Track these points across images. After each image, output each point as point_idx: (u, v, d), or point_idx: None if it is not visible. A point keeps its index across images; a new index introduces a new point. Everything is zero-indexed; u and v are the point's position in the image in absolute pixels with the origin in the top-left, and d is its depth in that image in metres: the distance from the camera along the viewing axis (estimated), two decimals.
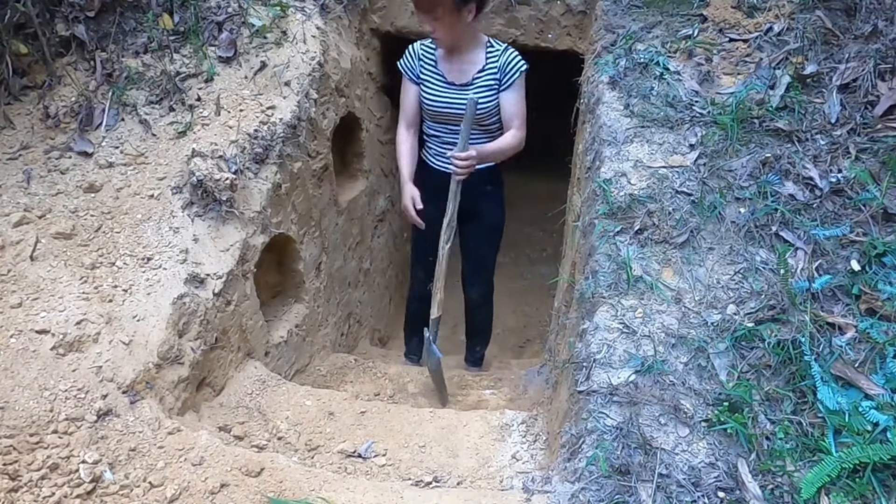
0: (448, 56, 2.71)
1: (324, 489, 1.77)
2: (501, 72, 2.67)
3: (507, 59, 2.66)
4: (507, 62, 2.66)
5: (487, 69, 2.68)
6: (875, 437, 1.57)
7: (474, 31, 2.65)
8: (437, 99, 2.76)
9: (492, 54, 2.68)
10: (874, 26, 2.43)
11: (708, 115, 2.38)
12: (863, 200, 2.04)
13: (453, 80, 2.71)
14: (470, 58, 2.68)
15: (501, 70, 2.67)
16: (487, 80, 2.68)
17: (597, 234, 2.13)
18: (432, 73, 2.75)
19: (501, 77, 2.67)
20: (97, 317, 2.00)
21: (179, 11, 2.94)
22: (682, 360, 1.82)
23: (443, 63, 2.73)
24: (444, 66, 2.73)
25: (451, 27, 2.54)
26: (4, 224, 2.21)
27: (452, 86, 2.72)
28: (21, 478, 1.66)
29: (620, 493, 1.58)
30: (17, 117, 2.61)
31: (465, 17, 2.52)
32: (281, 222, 2.77)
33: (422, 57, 2.77)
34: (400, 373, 3.11)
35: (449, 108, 2.75)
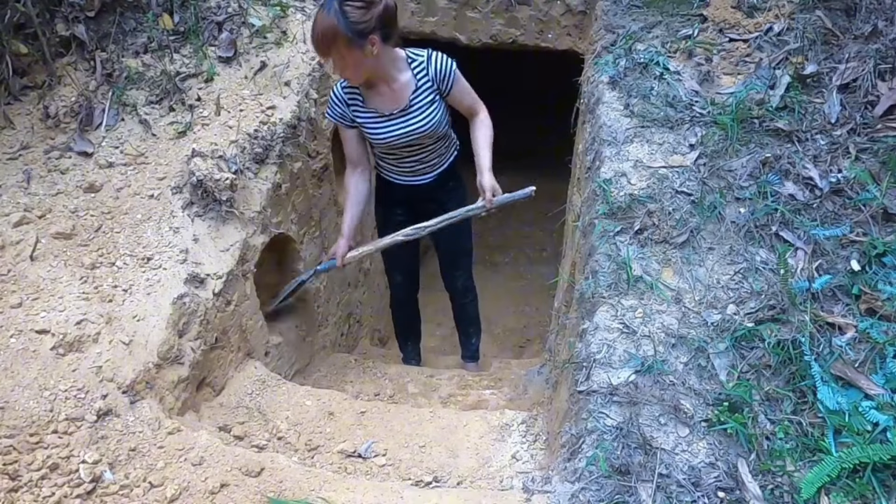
0: (373, 90, 2.50)
1: (324, 489, 1.77)
2: (436, 82, 2.52)
3: (435, 67, 2.50)
4: (437, 70, 2.50)
5: (421, 87, 2.50)
6: (875, 437, 1.57)
7: (389, 59, 2.44)
8: (381, 134, 2.56)
9: (418, 69, 2.50)
10: (874, 26, 2.43)
11: (708, 115, 2.38)
12: (863, 200, 2.04)
13: (390, 111, 2.52)
14: (399, 83, 2.49)
15: (434, 79, 2.51)
16: (426, 96, 2.52)
17: (597, 234, 2.13)
18: (365, 112, 2.55)
19: (439, 86, 2.53)
20: (97, 317, 2.00)
21: (179, 11, 2.94)
22: (682, 360, 1.82)
23: (371, 99, 2.52)
24: (375, 102, 2.52)
25: (357, 65, 2.33)
26: (4, 224, 2.21)
27: (391, 117, 2.53)
28: (21, 478, 1.66)
29: (620, 493, 1.58)
30: (17, 117, 2.61)
31: (367, 52, 2.29)
32: (281, 222, 2.77)
33: (348, 102, 2.54)
34: (400, 373, 3.11)
35: (398, 139, 2.58)
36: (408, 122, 2.54)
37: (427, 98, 2.53)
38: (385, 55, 2.39)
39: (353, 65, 2.32)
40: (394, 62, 2.47)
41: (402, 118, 2.53)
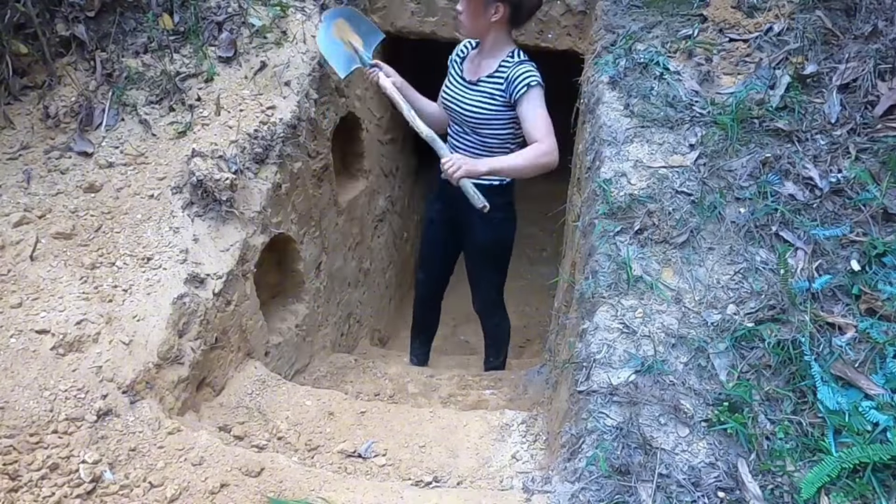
0: (474, 56, 2.70)
1: (324, 489, 1.77)
2: (507, 84, 2.54)
3: (514, 73, 2.51)
4: (515, 75, 2.50)
5: (495, 76, 2.58)
6: (875, 437, 1.57)
7: (499, 36, 2.57)
8: (447, 91, 2.74)
9: (505, 63, 2.57)
10: (874, 26, 2.43)
11: (708, 115, 2.38)
12: (863, 200, 2.04)
13: (465, 76, 2.68)
14: (488, 61, 2.63)
15: (508, 82, 2.53)
16: (491, 86, 2.58)
17: (597, 234, 2.13)
18: (458, 64, 2.76)
19: (507, 90, 2.54)
20: (97, 317, 2.00)
21: (179, 11, 2.94)
22: (682, 360, 1.82)
23: (468, 62, 2.72)
24: (467, 64, 2.72)
25: (474, 16, 2.50)
26: (4, 224, 2.21)
27: (461, 81, 2.68)
28: (21, 478, 1.66)
29: (620, 493, 1.58)
30: (17, 117, 2.61)
31: (489, 14, 2.48)
32: (281, 222, 2.77)
33: (459, 51, 2.79)
34: (400, 373, 3.11)
35: (451, 103, 2.71)
36: (466, 94, 2.64)
37: (492, 89, 2.59)
38: (500, 31, 2.56)
39: (471, 14, 2.50)
40: (500, 44, 2.60)
41: (467, 89, 2.66)
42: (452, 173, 2.40)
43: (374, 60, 2.76)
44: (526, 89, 2.48)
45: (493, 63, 2.61)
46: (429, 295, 3.33)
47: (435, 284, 3.29)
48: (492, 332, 3.34)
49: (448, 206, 2.96)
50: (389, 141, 4.28)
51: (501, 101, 2.59)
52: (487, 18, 2.50)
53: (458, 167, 2.40)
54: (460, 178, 2.40)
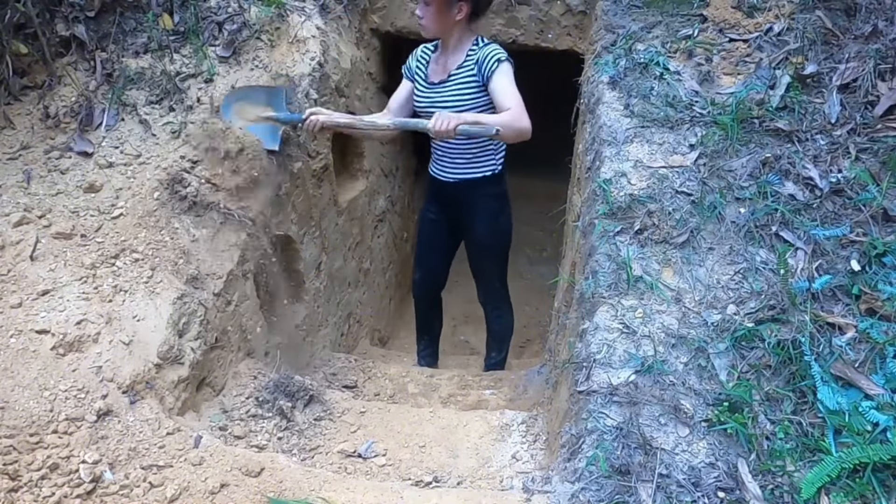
0: (437, 55, 2.71)
1: (324, 489, 1.77)
2: (479, 66, 2.59)
3: (483, 53, 2.58)
4: (485, 55, 2.57)
5: (465, 65, 2.63)
6: (875, 437, 1.57)
7: (463, 32, 2.61)
8: (419, 98, 2.75)
9: (472, 51, 2.63)
10: (874, 26, 2.43)
11: (708, 115, 2.38)
12: (863, 200, 2.04)
13: (433, 79, 2.70)
14: (454, 57, 2.67)
15: (478, 64, 2.58)
16: (465, 75, 2.62)
17: (597, 234, 2.13)
18: (422, 70, 2.76)
19: (479, 71, 2.58)
20: (97, 317, 2.00)
21: (179, 11, 2.94)
22: (682, 360, 1.82)
23: (432, 65, 2.73)
24: (432, 66, 2.73)
25: (438, 17, 2.52)
26: (4, 224, 2.21)
27: (433, 85, 2.70)
28: (21, 478, 1.66)
29: (620, 493, 1.58)
30: (17, 117, 2.61)
31: (453, 13, 2.50)
32: (281, 222, 2.77)
33: (419, 58, 2.80)
34: (400, 373, 3.11)
35: (428, 108, 2.69)
36: (441, 94, 2.65)
37: (464, 81, 2.60)
38: (462, 28, 2.59)
39: (436, 17, 2.51)
40: (465, 39, 2.64)
41: (440, 89, 2.66)
42: (447, 127, 2.36)
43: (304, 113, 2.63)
44: (496, 64, 2.54)
45: (460, 56, 2.65)
46: (427, 294, 3.34)
47: (432, 283, 3.30)
48: (495, 324, 3.35)
49: (444, 207, 3.00)
50: (389, 141, 4.27)
51: (476, 86, 2.61)
52: (451, 18, 2.52)
53: (448, 119, 2.37)
54: (457, 127, 2.37)
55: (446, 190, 2.89)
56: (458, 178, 2.85)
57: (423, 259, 3.26)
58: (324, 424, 2.32)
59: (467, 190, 2.86)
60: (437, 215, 3.07)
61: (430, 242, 3.18)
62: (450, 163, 2.82)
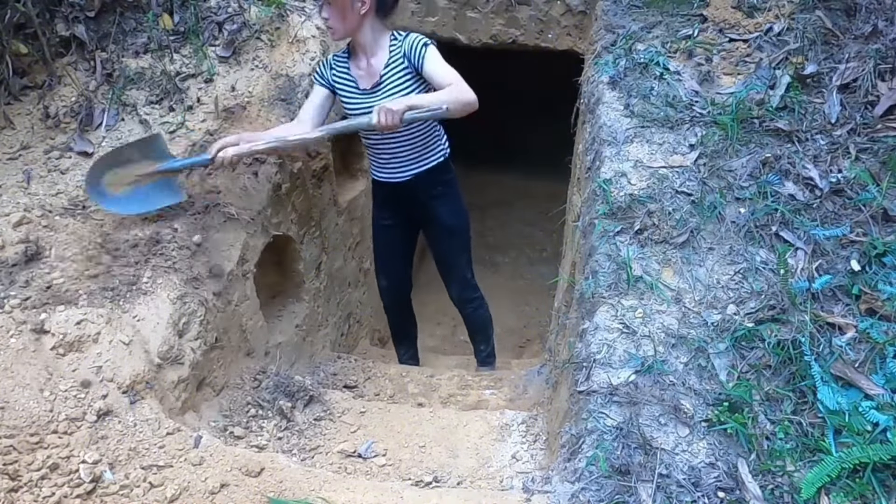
0: (356, 60, 2.57)
1: (324, 489, 1.77)
2: (408, 57, 2.49)
3: (407, 44, 2.49)
4: (410, 45, 2.48)
5: (392, 62, 2.52)
6: (875, 437, 1.57)
7: (377, 32, 2.50)
8: (352, 107, 2.59)
9: (393, 45, 2.52)
10: (874, 26, 2.43)
11: (708, 115, 2.38)
12: (863, 200, 2.04)
13: (364, 86, 2.56)
14: (376, 58, 2.54)
15: (407, 55, 2.49)
16: (396, 72, 2.52)
17: (597, 234, 2.14)
18: (345, 79, 2.60)
19: (410, 62, 2.49)
20: (97, 317, 2.00)
21: (179, 11, 2.94)
22: (682, 360, 1.82)
23: (354, 69, 2.59)
24: (355, 73, 2.58)
25: (343, 16, 2.41)
26: (4, 224, 2.21)
27: (365, 92, 2.56)
28: (21, 478, 1.66)
29: (620, 493, 1.58)
30: (17, 117, 2.61)
31: (356, 8, 2.39)
32: (281, 222, 2.77)
33: (333, 66, 2.62)
34: (400, 373, 3.11)
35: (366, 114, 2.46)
36: (380, 97, 2.50)
37: (399, 77, 2.51)
38: (373, 25, 2.48)
39: (340, 15, 2.40)
40: (379, 36, 2.52)
41: (376, 92, 2.53)
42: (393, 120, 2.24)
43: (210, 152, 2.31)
44: (423, 49, 2.47)
45: (383, 55, 2.53)
46: (396, 299, 3.26)
47: (400, 289, 3.22)
48: (473, 318, 3.29)
49: (397, 209, 2.90)
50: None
51: (412, 76, 2.52)
52: (356, 13, 2.41)
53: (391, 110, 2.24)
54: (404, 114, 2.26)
55: (398, 191, 2.79)
56: (410, 174, 2.72)
57: (386, 267, 3.16)
58: (324, 424, 2.32)
59: (421, 184, 2.75)
60: (391, 220, 2.96)
61: (389, 249, 3.07)
62: (397, 162, 2.70)
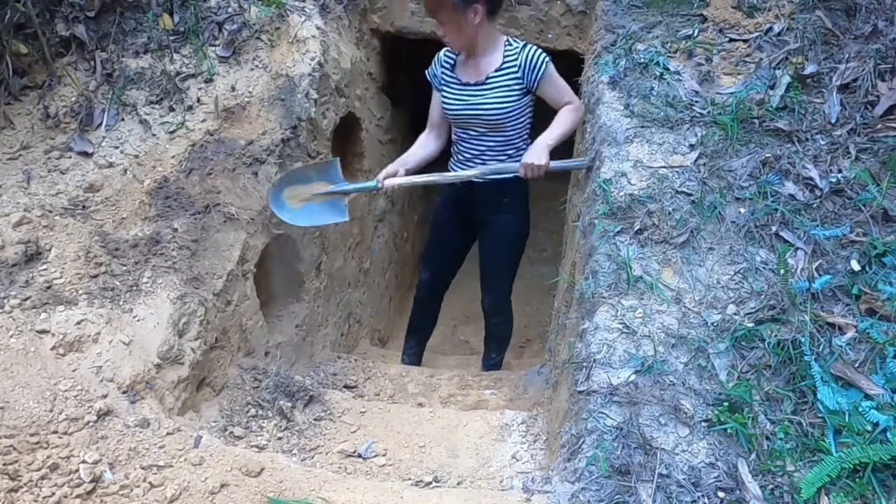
0: (466, 60, 2.68)
1: (324, 489, 1.77)
2: (523, 71, 2.58)
3: (526, 57, 2.58)
4: (528, 59, 2.57)
5: (505, 69, 2.60)
6: (875, 437, 1.57)
7: (488, 34, 2.58)
8: (453, 101, 2.69)
9: (509, 53, 2.61)
10: (874, 26, 2.43)
11: (708, 115, 2.38)
12: (863, 200, 2.04)
13: (467, 80, 2.65)
14: (486, 59, 2.63)
15: (523, 69, 2.58)
16: (505, 79, 2.60)
17: (597, 234, 2.13)
18: (449, 77, 2.71)
19: (525, 76, 2.59)
20: (97, 317, 2.00)
21: (179, 11, 2.94)
22: (682, 360, 1.82)
23: (460, 67, 2.70)
24: (460, 70, 2.69)
25: (458, 30, 2.50)
26: (4, 224, 2.21)
27: (467, 86, 2.65)
28: (21, 478, 1.66)
29: (620, 493, 1.58)
30: (17, 117, 2.61)
31: (470, 20, 2.47)
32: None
33: (443, 63, 2.75)
34: (400, 373, 3.11)
35: (464, 110, 2.68)
36: (480, 96, 2.62)
37: (506, 82, 2.60)
38: (486, 30, 2.54)
39: (455, 30, 2.49)
40: (491, 39, 2.60)
41: (476, 91, 2.63)
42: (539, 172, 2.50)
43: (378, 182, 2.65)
44: (545, 67, 2.58)
45: (495, 57, 2.62)
46: (430, 295, 3.30)
47: (439, 284, 3.26)
48: (497, 329, 3.32)
49: (464, 210, 2.96)
50: (389, 141, 4.27)
51: (518, 90, 2.61)
52: (471, 25, 2.49)
53: (537, 165, 2.48)
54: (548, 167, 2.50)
55: (468, 190, 2.84)
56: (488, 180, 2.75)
57: (434, 258, 3.21)
58: (324, 424, 2.32)
59: (492, 189, 2.80)
60: (452, 218, 3.04)
61: (441, 245, 3.13)
62: (479, 160, 2.76)
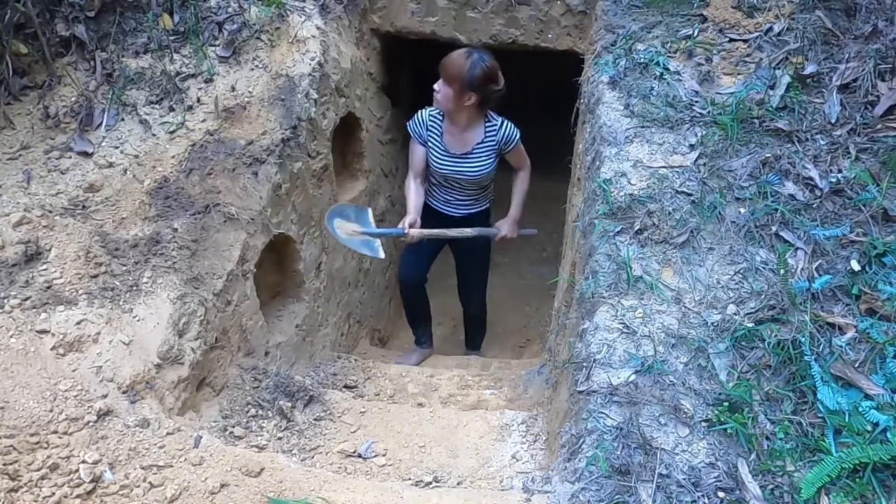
0: (450, 128, 3.04)
1: (324, 489, 1.77)
2: (501, 143, 3.07)
3: (504, 135, 3.05)
4: (505, 137, 3.05)
5: (486, 141, 3.05)
6: (875, 437, 1.57)
7: (473, 114, 2.98)
8: (440, 165, 3.10)
9: (490, 128, 3.04)
10: (874, 26, 2.43)
11: (708, 115, 2.38)
12: (863, 200, 2.04)
13: (454, 151, 3.06)
14: (470, 134, 3.04)
15: (501, 142, 3.06)
16: (486, 150, 3.07)
17: (597, 234, 2.13)
18: (437, 143, 3.08)
19: (501, 146, 3.08)
20: (97, 317, 2.00)
21: (179, 11, 2.94)
22: (682, 360, 1.82)
23: (446, 136, 3.06)
24: (447, 139, 3.06)
25: (452, 99, 2.88)
26: (4, 224, 2.21)
27: (454, 156, 3.08)
28: (21, 478, 1.66)
29: (620, 493, 1.58)
30: (17, 117, 2.61)
31: (463, 100, 2.86)
32: (281, 222, 2.77)
33: (429, 126, 3.08)
34: (400, 373, 3.11)
35: (452, 174, 3.11)
36: (465, 164, 3.08)
37: (487, 152, 3.08)
38: (473, 113, 2.99)
39: (450, 98, 2.89)
40: (477, 118, 3.04)
41: (462, 160, 3.08)
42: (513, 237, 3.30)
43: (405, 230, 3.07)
44: (517, 140, 3.10)
45: (477, 132, 3.05)
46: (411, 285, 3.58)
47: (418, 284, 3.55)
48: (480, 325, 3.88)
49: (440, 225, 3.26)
50: (389, 141, 4.27)
51: (495, 157, 3.11)
52: (462, 103, 2.89)
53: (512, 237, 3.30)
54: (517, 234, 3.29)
55: (448, 222, 3.28)
56: (463, 213, 3.29)
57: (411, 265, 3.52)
58: (324, 424, 2.32)
59: (466, 219, 3.30)
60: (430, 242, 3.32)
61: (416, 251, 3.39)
62: (456, 202, 3.26)
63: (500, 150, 3.11)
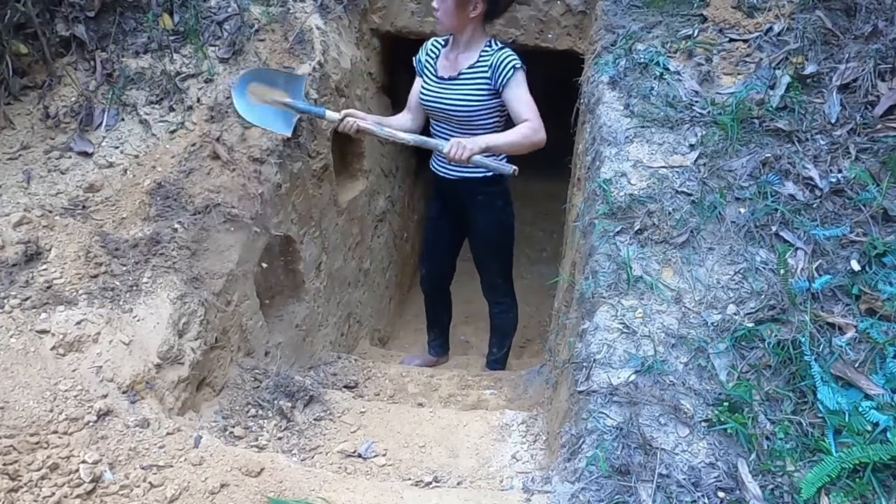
0: (449, 53, 2.74)
1: (324, 489, 1.77)
2: (493, 70, 2.59)
3: (498, 59, 2.58)
4: (499, 61, 2.58)
5: (477, 66, 2.64)
6: (875, 437, 1.57)
7: (476, 30, 2.64)
8: (426, 92, 2.76)
9: (485, 53, 2.65)
10: (874, 26, 2.43)
11: (708, 115, 2.38)
12: (863, 200, 2.04)
13: (442, 74, 2.72)
14: (465, 56, 2.69)
15: (492, 69, 2.59)
16: (475, 76, 2.63)
17: (597, 234, 2.13)
18: (429, 67, 2.79)
19: (493, 76, 2.60)
20: (97, 317, 2.00)
21: (179, 11, 2.94)
22: (682, 360, 1.82)
23: (441, 60, 2.76)
24: (440, 63, 2.75)
25: (452, 13, 2.55)
26: (4, 224, 2.21)
27: (441, 80, 2.71)
28: (21, 478, 1.66)
29: (620, 493, 1.58)
30: (17, 117, 2.61)
31: (467, 10, 2.53)
32: (281, 222, 2.77)
33: (428, 52, 2.82)
34: (400, 373, 3.11)
35: (434, 103, 2.73)
36: (449, 91, 2.67)
37: (475, 80, 2.63)
38: (475, 26, 2.61)
39: (450, 13, 2.54)
40: (476, 38, 2.64)
41: (448, 85, 2.68)
42: (461, 157, 2.42)
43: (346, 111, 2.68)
44: (512, 72, 2.57)
45: (471, 55, 2.66)
46: (434, 288, 3.44)
47: (438, 278, 3.40)
48: (497, 319, 3.38)
49: (447, 203, 3.07)
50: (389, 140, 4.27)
51: (487, 90, 2.64)
52: (466, 15, 2.55)
53: (463, 148, 2.42)
54: (472, 156, 2.43)
55: (447, 186, 2.95)
56: (459, 175, 2.89)
57: (428, 256, 3.38)
58: (324, 424, 2.32)
59: (468, 187, 2.90)
60: (440, 213, 3.17)
61: (434, 240, 3.27)
62: None
63: (494, 82, 2.60)
